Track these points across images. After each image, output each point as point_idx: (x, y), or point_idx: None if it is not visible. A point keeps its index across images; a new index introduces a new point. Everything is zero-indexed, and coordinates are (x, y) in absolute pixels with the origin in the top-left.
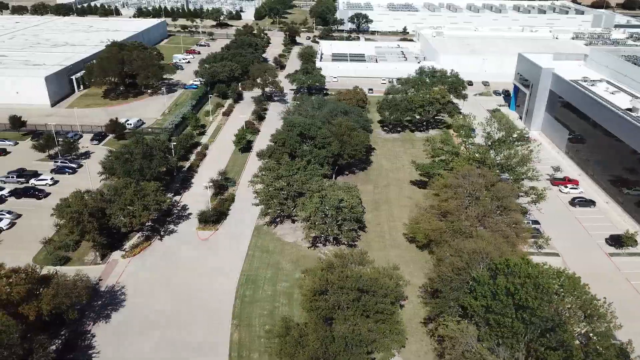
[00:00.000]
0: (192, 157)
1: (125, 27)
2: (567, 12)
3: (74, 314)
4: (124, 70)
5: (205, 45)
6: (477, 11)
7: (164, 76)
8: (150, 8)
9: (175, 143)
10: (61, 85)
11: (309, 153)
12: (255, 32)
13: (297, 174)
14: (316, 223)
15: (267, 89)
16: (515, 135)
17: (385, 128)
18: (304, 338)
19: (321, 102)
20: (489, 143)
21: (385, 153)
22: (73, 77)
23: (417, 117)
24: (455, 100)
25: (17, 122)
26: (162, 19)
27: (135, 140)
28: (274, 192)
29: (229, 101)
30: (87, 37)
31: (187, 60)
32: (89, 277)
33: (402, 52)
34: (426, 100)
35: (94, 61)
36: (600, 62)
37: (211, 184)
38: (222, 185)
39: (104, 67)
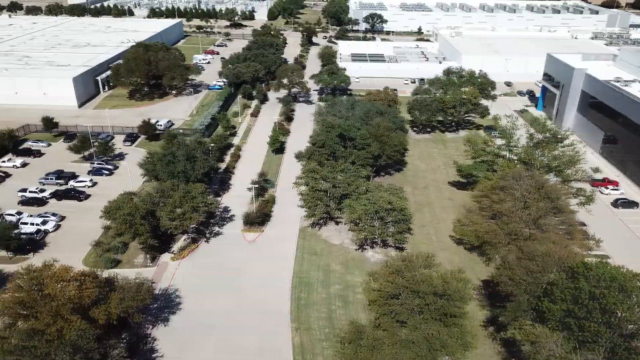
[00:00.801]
0: (227, 158)
1: (143, 28)
2: (581, 12)
3: (140, 317)
4: (151, 71)
5: (222, 46)
6: (491, 11)
7: (189, 77)
8: (163, 8)
9: (213, 145)
10: (87, 86)
11: (349, 155)
12: (272, 32)
13: (342, 175)
14: (366, 225)
15: (293, 90)
16: (559, 136)
17: (415, 128)
18: (377, 342)
19: (353, 102)
20: (531, 144)
21: (419, 154)
22: (98, 78)
23: (449, 117)
24: (481, 101)
25: (49, 124)
26: (179, 20)
27: (178, 142)
28: (319, 194)
29: (255, 102)
30: (108, 37)
31: (207, 61)
32: (149, 280)
33: (422, 52)
34: (458, 101)
35: (120, 62)
36: (630, 63)
37: (256, 185)
38: (262, 187)
39: (131, 67)
